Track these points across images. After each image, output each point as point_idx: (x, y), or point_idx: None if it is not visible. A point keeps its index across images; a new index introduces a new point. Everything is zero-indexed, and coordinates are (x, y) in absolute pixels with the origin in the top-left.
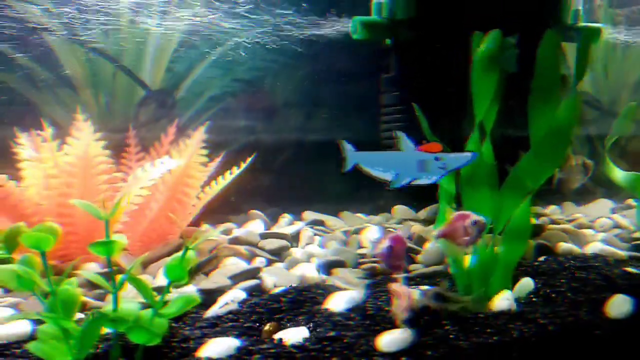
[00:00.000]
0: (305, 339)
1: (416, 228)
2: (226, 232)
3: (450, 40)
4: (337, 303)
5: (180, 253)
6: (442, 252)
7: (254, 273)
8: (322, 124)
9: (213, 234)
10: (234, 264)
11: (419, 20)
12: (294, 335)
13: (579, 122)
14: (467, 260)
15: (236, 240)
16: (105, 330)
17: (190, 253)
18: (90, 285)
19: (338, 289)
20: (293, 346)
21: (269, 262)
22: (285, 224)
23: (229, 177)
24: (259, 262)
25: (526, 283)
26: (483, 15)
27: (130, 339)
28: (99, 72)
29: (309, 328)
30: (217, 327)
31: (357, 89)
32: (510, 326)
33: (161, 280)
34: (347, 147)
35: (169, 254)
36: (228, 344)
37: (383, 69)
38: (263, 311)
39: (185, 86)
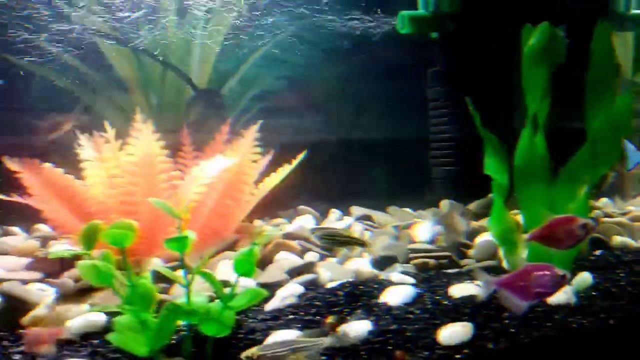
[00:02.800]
0: (369, 332)
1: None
2: (277, 227)
3: (496, 33)
4: (394, 297)
5: (247, 248)
6: (498, 250)
7: (309, 267)
8: (367, 120)
9: (276, 232)
10: (287, 259)
11: (464, 14)
12: (358, 328)
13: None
14: (523, 255)
15: (289, 236)
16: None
17: (256, 248)
18: (155, 279)
19: (393, 283)
20: (357, 338)
21: (322, 257)
22: (335, 219)
23: (281, 173)
24: (312, 256)
25: (584, 277)
26: (530, 7)
27: (201, 330)
28: (149, 74)
29: (372, 321)
30: (279, 319)
31: (403, 84)
32: (570, 320)
33: (220, 275)
34: (630, 147)
35: (225, 249)
36: (292, 335)
37: (429, 64)
38: (321, 305)
39: (231, 85)
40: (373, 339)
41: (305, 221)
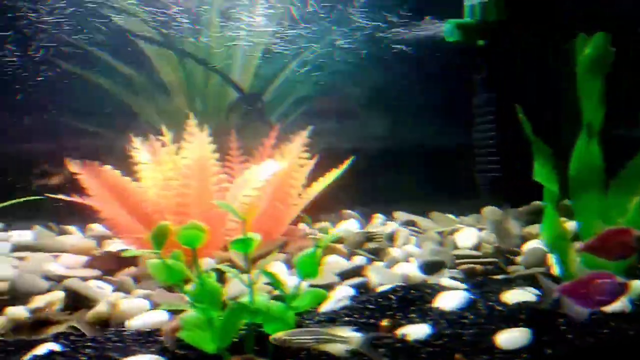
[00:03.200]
0: (428, 335)
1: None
2: (323, 231)
3: (541, 41)
4: (447, 302)
5: (309, 250)
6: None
7: (358, 271)
8: (409, 125)
9: (336, 235)
10: (336, 262)
11: (510, 22)
12: (417, 331)
13: None
14: (575, 262)
15: (336, 239)
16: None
17: (319, 251)
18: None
19: (445, 288)
20: (416, 341)
21: (369, 261)
22: (379, 224)
23: (329, 178)
24: (359, 260)
25: (638, 285)
26: (575, 16)
27: (264, 329)
28: (192, 78)
29: (430, 325)
30: (335, 321)
31: (447, 91)
32: (625, 327)
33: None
34: None
35: (274, 251)
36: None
37: (474, 71)
38: (374, 308)
39: (272, 89)
40: (432, 342)
41: (349, 225)
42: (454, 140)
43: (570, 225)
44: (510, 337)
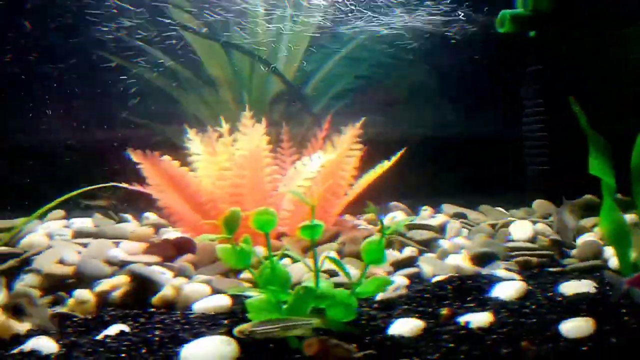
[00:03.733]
0: (492, 323)
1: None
2: (372, 222)
3: (594, 33)
4: (505, 292)
5: (374, 237)
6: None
7: (410, 261)
8: (457, 118)
9: (402, 223)
10: (388, 252)
11: (562, 12)
12: (480, 319)
13: None
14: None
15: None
16: None
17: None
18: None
19: (501, 279)
20: (480, 329)
21: (420, 252)
22: (427, 216)
23: (380, 170)
24: (410, 251)
25: None
26: (626, 7)
27: (328, 314)
28: (237, 71)
29: (492, 314)
30: (393, 309)
31: (495, 82)
32: None
33: (326, 264)
34: None
35: (325, 241)
36: (414, 323)
37: (525, 62)
38: (430, 297)
39: (316, 82)
40: (497, 329)
41: (397, 217)
42: (502, 132)
43: (628, 218)
44: (574, 326)
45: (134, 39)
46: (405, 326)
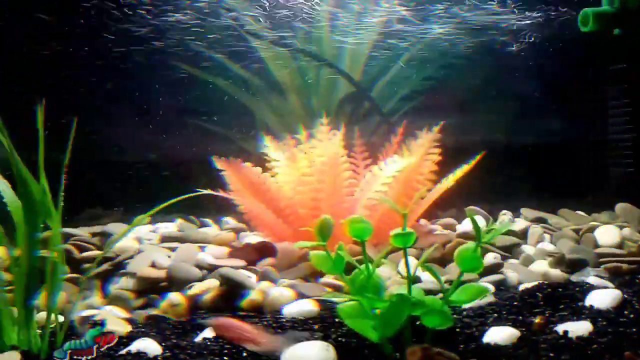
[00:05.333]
0: (591, 333)
1: None
2: (448, 227)
3: None
4: (600, 300)
5: (469, 245)
6: None
7: (495, 268)
8: (532, 120)
9: (497, 232)
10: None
11: None
12: (578, 328)
13: None
14: None
15: (464, 235)
16: None
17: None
18: None
19: (594, 286)
20: (579, 338)
21: (503, 258)
22: (507, 221)
23: (458, 174)
24: (492, 257)
25: None
26: None
27: (423, 322)
28: (304, 77)
29: (590, 322)
30: (484, 316)
31: (576, 84)
32: None
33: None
34: None
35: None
36: (509, 332)
37: (609, 62)
38: (521, 305)
39: (382, 85)
40: (597, 339)
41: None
42: (581, 134)
43: None
44: None
45: (207, 49)
46: (500, 334)
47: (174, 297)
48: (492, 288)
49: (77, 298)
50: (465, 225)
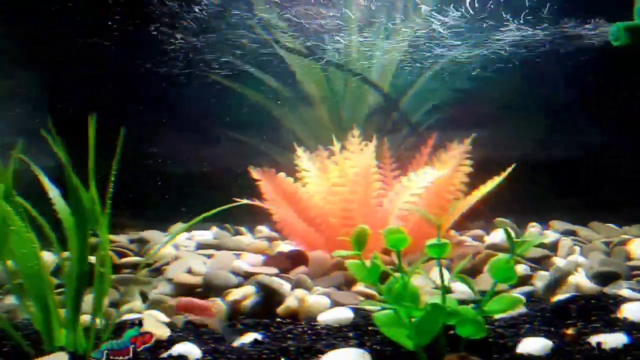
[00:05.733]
0: (626, 345)
1: None
2: (477, 238)
3: None
4: (634, 312)
5: (503, 256)
6: None
7: (525, 279)
8: (559, 133)
9: (530, 243)
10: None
11: None
12: (613, 340)
13: None
14: None
15: (494, 247)
16: None
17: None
18: None
19: (628, 299)
20: (614, 350)
21: (532, 270)
22: (536, 233)
23: (488, 186)
24: (522, 269)
25: None
26: None
27: (457, 331)
28: (332, 88)
29: (626, 334)
30: (516, 327)
31: (606, 96)
32: None
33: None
34: None
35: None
36: (543, 342)
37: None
38: (553, 316)
39: (410, 97)
40: (633, 351)
41: (504, 233)
42: (610, 146)
43: None
44: None
45: (238, 59)
46: (534, 345)
47: (212, 302)
48: (523, 299)
49: (121, 301)
50: (494, 237)
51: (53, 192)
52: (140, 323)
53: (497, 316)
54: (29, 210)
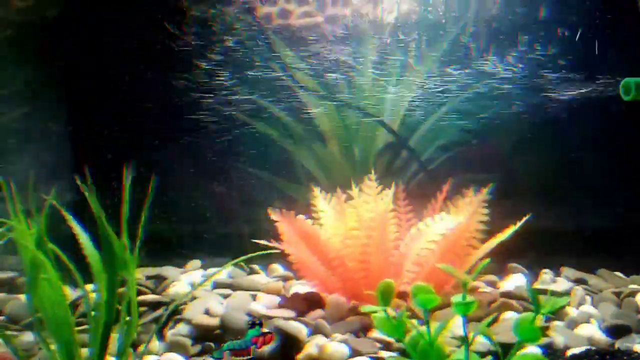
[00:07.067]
0: None
1: None
2: (491, 284)
3: None
4: None
5: (528, 314)
6: None
7: (541, 331)
8: (567, 177)
9: (559, 302)
10: (513, 319)
11: None
12: None
13: None
14: None
15: (509, 295)
16: None
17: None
18: None
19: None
20: None
21: (547, 319)
22: (548, 280)
23: (505, 234)
24: (538, 319)
25: None
26: None
27: None
28: (346, 126)
29: None
30: None
31: (615, 151)
32: None
33: (454, 329)
34: None
35: (448, 304)
36: None
37: None
38: None
39: (420, 135)
40: None
41: (517, 280)
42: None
43: None
44: None
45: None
46: None
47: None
48: (539, 352)
49: (145, 341)
50: (509, 284)
51: (83, 237)
52: (260, 323)
53: None
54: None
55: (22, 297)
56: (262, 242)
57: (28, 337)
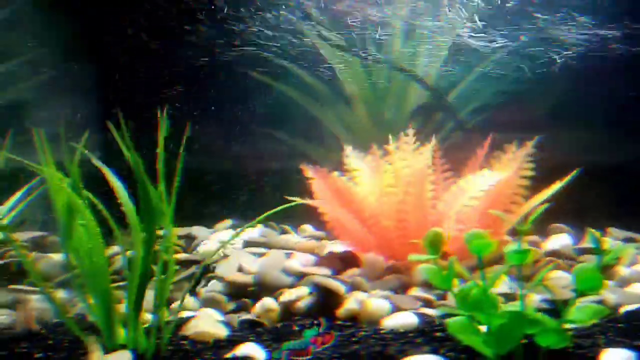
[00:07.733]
0: None
1: None
2: (534, 244)
3: None
4: None
5: (589, 263)
6: None
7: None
8: (620, 139)
9: (622, 250)
10: (562, 277)
11: None
12: None
13: None
14: None
15: (552, 253)
16: None
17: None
18: (427, 284)
19: None
20: None
21: None
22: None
23: (549, 191)
24: None
25: None
26: None
27: (537, 341)
28: (374, 88)
29: None
30: (592, 337)
31: None
32: None
33: (499, 287)
34: None
35: (492, 262)
36: (625, 354)
37: None
38: (627, 327)
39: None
40: None
41: (562, 240)
42: None
43: None
44: None
45: (276, 57)
46: (616, 357)
47: (269, 302)
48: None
49: (177, 298)
50: (553, 243)
51: (118, 187)
52: (319, 324)
53: (569, 326)
54: (94, 204)
55: (53, 255)
56: (296, 199)
57: (61, 295)
